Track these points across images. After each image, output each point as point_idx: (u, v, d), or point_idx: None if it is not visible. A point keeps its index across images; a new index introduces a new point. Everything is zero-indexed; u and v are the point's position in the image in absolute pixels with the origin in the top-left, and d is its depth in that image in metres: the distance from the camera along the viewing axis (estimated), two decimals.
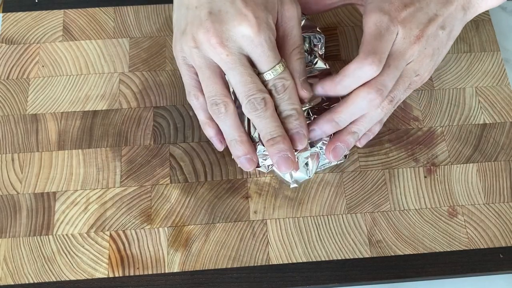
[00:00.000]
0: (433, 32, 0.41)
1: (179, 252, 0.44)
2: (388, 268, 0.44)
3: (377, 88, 0.39)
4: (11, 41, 0.52)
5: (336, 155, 0.42)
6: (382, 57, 0.39)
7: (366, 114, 0.41)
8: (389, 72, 0.40)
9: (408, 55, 0.40)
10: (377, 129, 0.45)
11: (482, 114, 0.50)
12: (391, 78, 0.40)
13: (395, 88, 0.41)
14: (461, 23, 0.44)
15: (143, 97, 0.50)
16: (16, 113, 0.49)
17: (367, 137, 0.45)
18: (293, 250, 0.44)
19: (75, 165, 0.47)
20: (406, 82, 0.42)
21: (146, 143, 0.48)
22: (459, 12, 0.43)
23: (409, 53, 0.40)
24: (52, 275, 0.43)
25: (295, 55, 0.41)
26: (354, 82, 0.40)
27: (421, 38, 0.40)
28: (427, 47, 0.41)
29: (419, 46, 0.41)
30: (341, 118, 0.41)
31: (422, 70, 0.42)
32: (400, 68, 0.40)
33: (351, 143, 0.42)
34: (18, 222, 0.45)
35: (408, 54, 0.40)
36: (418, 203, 0.46)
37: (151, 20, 0.53)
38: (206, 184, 0.46)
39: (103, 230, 0.45)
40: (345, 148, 0.42)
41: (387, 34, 0.40)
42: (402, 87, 0.41)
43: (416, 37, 0.40)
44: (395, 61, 0.40)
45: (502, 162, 0.48)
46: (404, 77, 0.41)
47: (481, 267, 0.44)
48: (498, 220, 0.46)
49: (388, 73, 0.40)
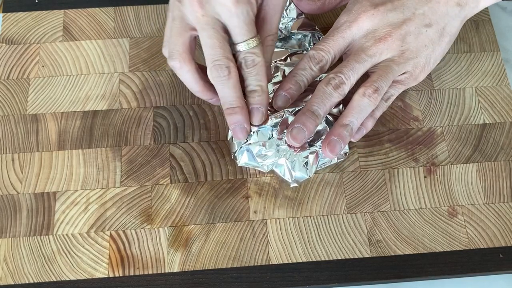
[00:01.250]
0: (412, 30, 0.43)
1: (179, 252, 0.44)
2: (388, 268, 0.44)
3: (335, 75, 0.42)
4: (11, 41, 0.52)
5: (333, 149, 0.42)
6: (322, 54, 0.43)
7: (352, 104, 0.42)
8: (346, 63, 0.42)
9: (371, 52, 0.42)
10: (370, 124, 0.45)
11: (482, 114, 0.50)
12: (349, 68, 0.42)
13: (376, 80, 0.42)
14: (457, 20, 0.45)
15: (143, 97, 0.50)
16: (16, 113, 0.49)
17: (359, 132, 0.45)
18: (293, 250, 0.44)
19: (75, 165, 0.47)
20: (388, 76, 0.43)
21: (146, 143, 0.48)
22: (452, 9, 0.44)
23: (372, 50, 0.42)
24: (52, 275, 0.43)
25: (268, 41, 0.42)
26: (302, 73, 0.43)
27: (389, 36, 0.43)
28: (404, 45, 0.43)
29: (390, 44, 0.43)
30: (314, 107, 0.41)
31: (409, 67, 0.44)
32: (362, 61, 0.42)
33: (345, 136, 0.42)
34: (18, 222, 0.45)
35: (372, 51, 0.42)
36: (418, 203, 0.46)
37: (151, 20, 0.53)
38: (206, 184, 0.46)
39: (103, 230, 0.45)
40: (341, 142, 0.42)
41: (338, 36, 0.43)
42: (384, 80, 0.42)
43: (383, 35, 0.43)
44: (354, 56, 0.43)
45: (502, 162, 0.48)
46: (383, 70, 0.43)
47: (481, 267, 0.44)
48: (498, 220, 0.46)
49: (346, 65, 0.42)
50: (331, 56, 0.43)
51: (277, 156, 0.44)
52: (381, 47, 0.42)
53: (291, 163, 0.44)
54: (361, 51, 0.43)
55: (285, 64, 0.47)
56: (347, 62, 0.42)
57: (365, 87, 0.42)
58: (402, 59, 0.43)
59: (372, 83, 0.42)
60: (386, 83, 0.42)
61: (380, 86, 0.42)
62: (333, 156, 0.42)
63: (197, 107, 0.49)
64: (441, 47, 0.45)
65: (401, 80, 0.44)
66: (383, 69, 0.43)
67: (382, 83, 0.42)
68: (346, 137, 0.42)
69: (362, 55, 0.42)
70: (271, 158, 0.44)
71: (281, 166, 0.44)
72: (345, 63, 0.42)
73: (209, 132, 0.48)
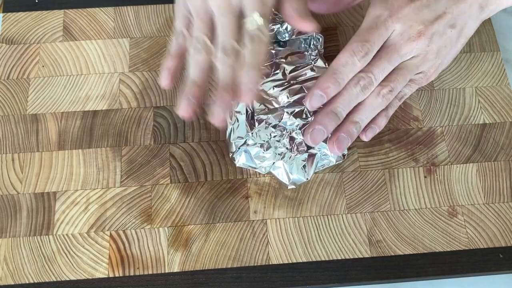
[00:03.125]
0: (440, 30, 0.41)
1: (179, 252, 0.44)
2: (388, 268, 0.44)
3: (365, 75, 0.40)
4: (11, 41, 0.52)
5: (340, 146, 0.41)
6: (368, 47, 0.40)
7: (365, 102, 0.41)
8: (378, 63, 0.40)
9: (403, 51, 0.41)
10: (383, 122, 0.44)
11: (482, 114, 0.50)
12: (381, 69, 0.40)
13: (394, 79, 0.41)
14: (476, 21, 0.43)
15: (143, 97, 0.50)
16: (16, 113, 0.49)
17: (372, 131, 0.43)
18: (293, 250, 0.44)
19: (75, 165, 0.47)
20: (407, 76, 0.42)
21: (146, 143, 0.48)
22: (475, 10, 0.42)
23: (405, 49, 0.41)
24: (52, 275, 0.43)
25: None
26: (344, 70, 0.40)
27: (422, 35, 0.41)
28: (430, 45, 0.41)
29: (420, 44, 0.41)
30: (338, 108, 0.40)
31: (426, 67, 0.43)
32: (393, 62, 0.41)
33: (353, 133, 0.41)
34: (18, 222, 0.45)
35: (404, 50, 0.41)
36: (418, 203, 0.46)
37: (151, 20, 0.53)
38: (206, 184, 0.46)
39: (103, 230, 0.45)
40: (349, 139, 0.41)
41: (383, 28, 0.40)
42: (402, 80, 0.41)
43: (417, 34, 0.41)
44: (387, 54, 0.41)
45: (502, 162, 0.48)
46: (404, 70, 0.41)
47: (481, 267, 0.44)
48: (498, 220, 0.46)
49: (378, 64, 0.40)
50: (376, 49, 0.41)
51: (275, 158, 0.44)
52: (413, 46, 0.41)
53: (289, 166, 0.44)
54: (394, 50, 0.41)
55: (286, 62, 0.47)
56: (379, 61, 0.41)
57: (381, 86, 0.41)
58: (423, 59, 0.42)
59: (389, 83, 0.41)
60: (402, 83, 0.42)
61: (396, 86, 0.41)
62: (339, 152, 0.42)
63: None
64: (457, 48, 0.44)
65: (416, 79, 0.43)
66: (404, 68, 0.41)
67: (399, 84, 0.41)
68: (354, 134, 0.41)
69: (395, 55, 0.41)
70: (269, 160, 0.44)
71: (279, 168, 0.44)
72: (377, 61, 0.41)
73: (209, 132, 0.48)
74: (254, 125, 0.44)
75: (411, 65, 0.42)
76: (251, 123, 0.44)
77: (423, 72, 0.43)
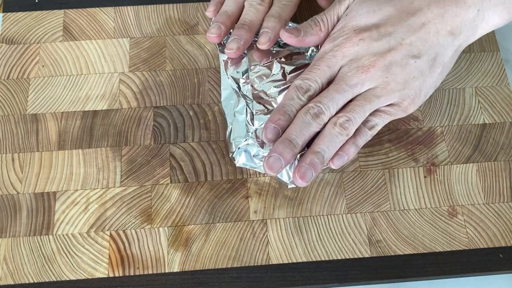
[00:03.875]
0: (397, 60, 0.41)
1: (179, 252, 0.44)
2: (388, 268, 0.44)
3: (314, 105, 0.41)
4: (11, 41, 0.52)
5: (303, 177, 0.40)
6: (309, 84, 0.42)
7: (324, 132, 0.41)
8: (327, 94, 0.42)
9: (353, 82, 0.41)
10: (351, 150, 0.42)
11: (482, 114, 0.50)
12: (329, 99, 0.41)
13: (350, 110, 0.41)
14: (450, 49, 0.43)
15: (143, 97, 0.50)
16: (16, 113, 0.49)
17: (340, 158, 0.42)
18: (293, 250, 0.44)
19: (75, 165, 0.47)
20: (366, 107, 0.41)
21: (146, 143, 0.48)
22: (444, 38, 0.42)
23: (354, 80, 0.41)
24: (52, 275, 0.43)
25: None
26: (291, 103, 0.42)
27: (372, 67, 0.41)
28: (389, 76, 0.41)
29: (371, 74, 0.41)
30: (292, 135, 0.40)
31: (394, 98, 0.42)
32: (342, 91, 0.41)
33: (316, 163, 0.40)
34: (18, 222, 0.45)
35: (353, 81, 0.41)
36: (418, 203, 0.46)
37: (151, 20, 0.53)
38: (206, 184, 0.46)
39: (103, 230, 0.45)
40: (311, 169, 0.40)
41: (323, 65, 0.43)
42: (359, 110, 0.41)
43: (367, 65, 0.41)
44: (335, 86, 0.42)
45: (502, 162, 0.48)
46: (362, 100, 0.42)
47: (481, 267, 0.44)
48: (498, 220, 0.46)
49: (326, 95, 0.41)
50: (319, 85, 0.42)
51: None
52: (363, 77, 0.41)
53: (289, 165, 0.44)
54: (343, 81, 0.42)
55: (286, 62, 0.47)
56: (327, 92, 0.42)
57: (337, 117, 0.41)
58: (385, 90, 0.41)
59: (345, 113, 0.41)
60: (360, 114, 0.41)
61: (353, 116, 0.41)
62: (304, 183, 0.41)
63: (197, 107, 0.49)
64: (433, 78, 0.43)
65: (387, 110, 0.43)
66: (361, 99, 0.42)
67: (356, 114, 0.41)
68: (317, 164, 0.40)
69: (343, 85, 0.41)
70: None
71: None
72: (326, 92, 0.42)
73: (209, 132, 0.48)
74: (254, 125, 0.44)
75: (370, 96, 0.42)
76: (251, 123, 0.44)
77: (396, 103, 0.43)
